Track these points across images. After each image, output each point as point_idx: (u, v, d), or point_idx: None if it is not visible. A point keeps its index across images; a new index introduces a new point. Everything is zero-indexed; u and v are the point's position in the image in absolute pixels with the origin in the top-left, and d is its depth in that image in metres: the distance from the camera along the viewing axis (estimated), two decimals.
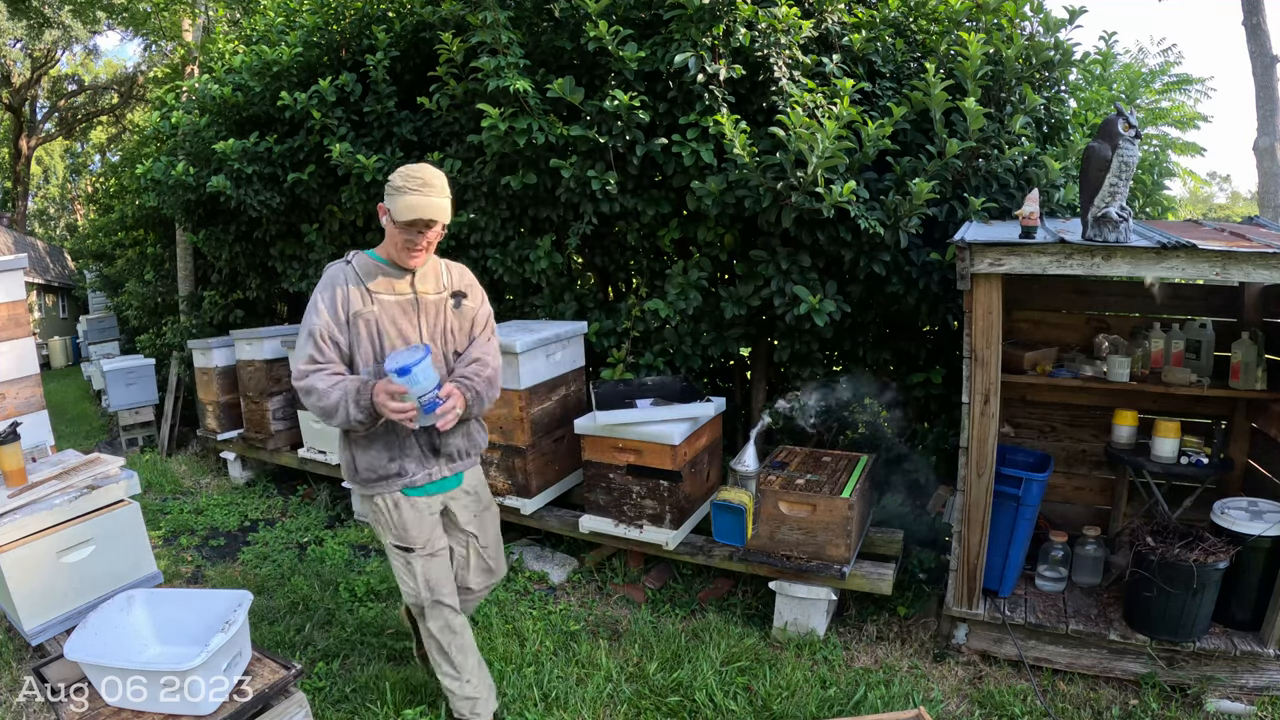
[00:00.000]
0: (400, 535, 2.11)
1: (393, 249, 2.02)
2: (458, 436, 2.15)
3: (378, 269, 2.05)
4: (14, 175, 23.18)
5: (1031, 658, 2.53)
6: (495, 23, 3.25)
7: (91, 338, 10.21)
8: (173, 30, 10.38)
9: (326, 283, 2.03)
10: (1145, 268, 2.21)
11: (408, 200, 1.90)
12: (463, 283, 2.20)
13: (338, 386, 1.91)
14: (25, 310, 3.06)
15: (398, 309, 2.04)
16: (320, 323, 1.97)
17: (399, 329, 2.04)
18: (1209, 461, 2.69)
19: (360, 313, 1.99)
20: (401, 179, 1.93)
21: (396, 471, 2.06)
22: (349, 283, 2.01)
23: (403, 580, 2.16)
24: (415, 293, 2.07)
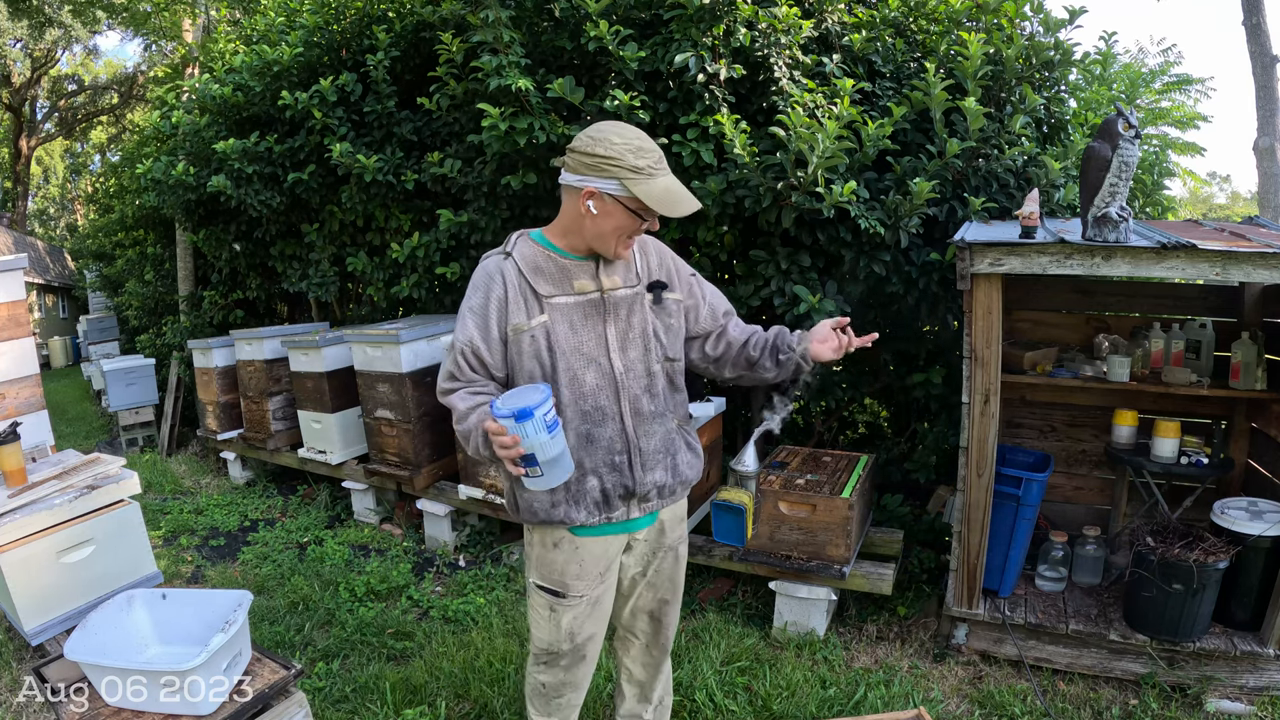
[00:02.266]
0: (547, 575, 1.67)
1: (602, 240, 1.54)
2: (658, 470, 1.63)
3: (550, 261, 1.59)
4: (14, 175, 23.19)
5: (1031, 658, 2.53)
6: (496, 21, 3.25)
7: (91, 338, 10.21)
8: (173, 30, 10.39)
9: (479, 282, 1.59)
10: (1145, 268, 2.21)
11: (664, 184, 1.49)
12: (662, 266, 1.69)
13: (476, 412, 1.51)
14: (25, 310, 3.06)
15: (577, 314, 1.58)
16: (463, 337, 1.58)
17: (579, 341, 1.57)
18: (1209, 461, 2.68)
19: (523, 328, 1.55)
20: (638, 156, 1.47)
21: (561, 518, 1.60)
22: (508, 285, 1.56)
23: (537, 623, 1.73)
24: (601, 290, 1.60)
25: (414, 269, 4.31)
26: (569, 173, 1.53)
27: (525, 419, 1.37)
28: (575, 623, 1.70)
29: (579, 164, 1.50)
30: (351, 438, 4.33)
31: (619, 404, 1.59)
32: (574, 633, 1.71)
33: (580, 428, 1.57)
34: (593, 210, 1.50)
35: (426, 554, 3.72)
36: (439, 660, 2.65)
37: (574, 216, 1.55)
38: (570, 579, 1.66)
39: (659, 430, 1.64)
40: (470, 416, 1.52)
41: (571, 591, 1.67)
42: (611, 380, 1.58)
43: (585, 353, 1.57)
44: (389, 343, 3.69)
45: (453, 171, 3.85)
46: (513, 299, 1.56)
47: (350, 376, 4.13)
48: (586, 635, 1.73)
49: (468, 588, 3.29)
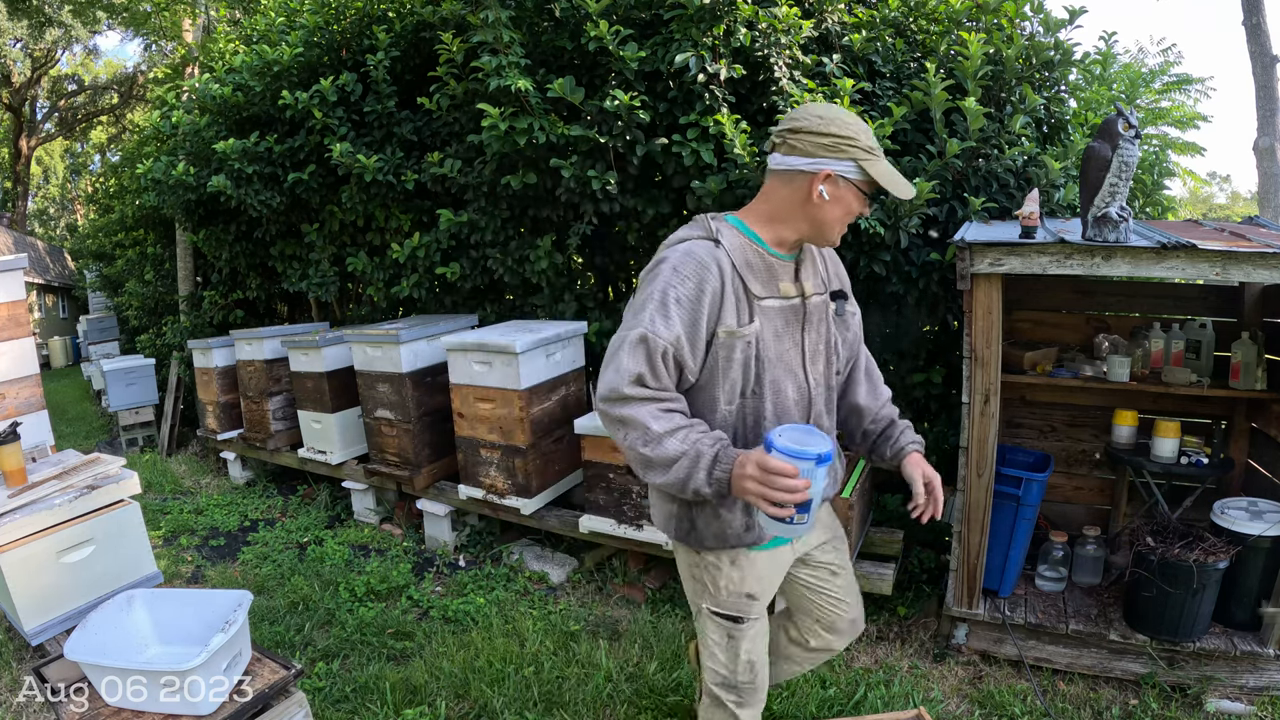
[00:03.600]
0: (725, 601, 1.56)
1: (818, 224, 1.40)
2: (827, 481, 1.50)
3: (759, 257, 1.41)
4: (14, 175, 23.19)
5: (1031, 658, 2.53)
6: (496, 22, 3.25)
7: (91, 338, 10.21)
8: (173, 30, 10.40)
9: (687, 269, 1.36)
10: (1145, 268, 2.21)
11: (888, 165, 1.40)
12: (838, 274, 1.59)
13: (681, 438, 1.32)
14: (25, 310, 3.06)
15: (780, 320, 1.43)
16: (667, 333, 1.33)
17: (781, 350, 1.43)
18: (1209, 461, 2.68)
19: (737, 334, 1.37)
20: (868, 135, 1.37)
21: (754, 540, 1.50)
22: (725, 279, 1.37)
23: (714, 655, 1.62)
24: (803, 295, 1.46)
25: (414, 269, 4.31)
26: (794, 155, 1.38)
27: (825, 463, 1.25)
28: (753, 649, 1.62)
29: (812, 145, 1.36)
30: (351, 438, 4.33)
31: (808, 419, 1.49)
32: (753, 661, 1.63)
33: None
34: (824, 195, 1.37)
35: (426, 554, 3.72)
36: (439, 660, 2.66)
37: (794, 203, 1.40)
38: (747, 598, 1.57)
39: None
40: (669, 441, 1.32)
41: (750, 614, 1.58)
42: (805, 394, 1.48)
43: (786, 363, 1.44)
44: (389, 343, 3.69)
45: (453, 171, 3.86)
46: (728, 295, 1.37)
47: (350, 376, 4.13)
48: (761, 660, 1.65)
49: (468, 588, 3.29)
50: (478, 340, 3.31)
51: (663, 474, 1.34)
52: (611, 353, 1.38)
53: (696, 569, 1.58)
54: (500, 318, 4.23)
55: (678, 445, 1.32)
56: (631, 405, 1.34)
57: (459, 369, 3.42)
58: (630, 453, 1.36)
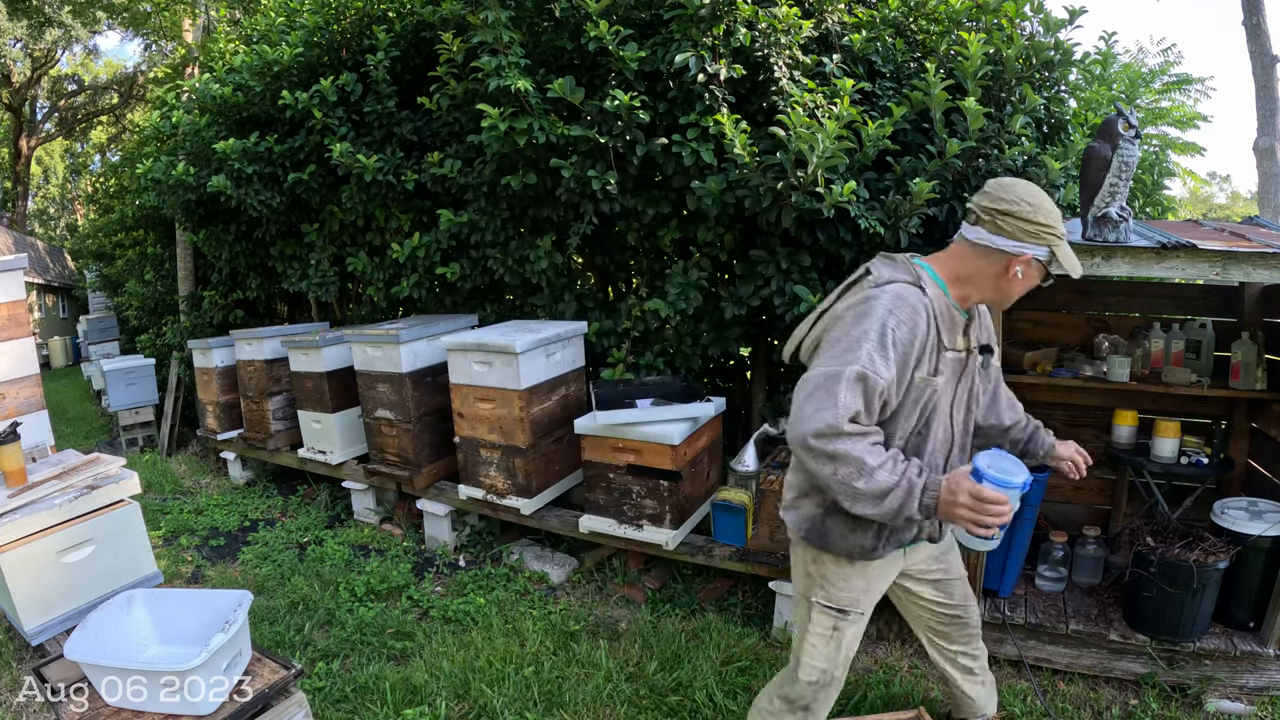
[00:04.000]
0: (837, 595, 1.68)
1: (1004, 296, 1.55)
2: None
3: (947, 308, 1.54)
4: (14, 175, 23.20)
5: (1031, 658, 2.53)
6: (496, 22, 3.25)
7: (91, 338, 10.21)
8: (173, 30, 10.40)
9: (905, 314, 1.46)
10: (1145, 268, 2.21)
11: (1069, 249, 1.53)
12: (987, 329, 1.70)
13: (889, 470, 1.40)
14: (25, 310, 3.06)
15: (949, 370, 1.56)
16: (886, 373, 1.42)
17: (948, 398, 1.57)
18: (1209, 461, 2.69)
19: (927, 382, 1.50)
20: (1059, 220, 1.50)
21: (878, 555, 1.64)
22: (929, 330, 1.49)
23: (815, 649, 1.72)
24: (968, 349, 1.60)
25: (414, 269, 4.31)
26: (999, 236, 1.49)
27: (1025, 489, 1.41)
28: (852, 641, 1.74)
29: (1019, 231, 1.48)
30: (351, 438, 4.33)
31: (948, 463, 1.63)
32: (846, 658, 1.75)
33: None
34: (1019, 274, 1.51)
35: (426, 554, 3.72)
36: (439, 660, 2.66)
37: (987, 275, 1.53)
38: (859, 594, 1.70)
39: None
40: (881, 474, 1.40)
41: (857, 608, 1.70)
42: (950, 438, 1.62)
43: (945, 409, 1.58)
44: (389, 343, 3.69)
45: (453, 171, 3.85)
46: (930, 344, 1.49)
47: (350, 376, 4.13)
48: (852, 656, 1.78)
49: (468, 588, 3.30)
50: (478, 340, 3.32)
51: (875, 505, 1.42)
52: (819, 386, 1.43)
53: (814, 565, 1.70)
54: (500, 318, 4.23)
55: (888, 478, 1.40)
56: (847, 441, 1.40)
57: (459, 369, 3.42)
58: (840, 486, 1.42)
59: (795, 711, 1.78)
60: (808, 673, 1.74)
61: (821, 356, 1.49)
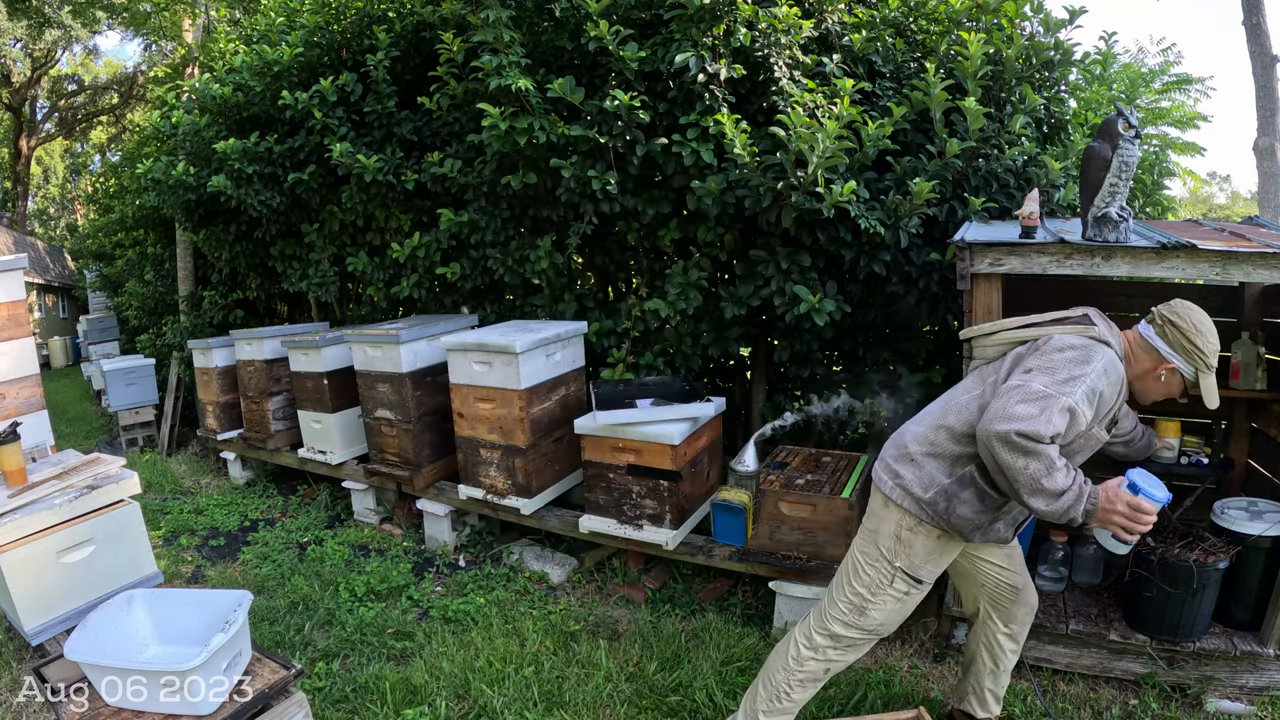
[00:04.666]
0: (919, 566, 1.90)
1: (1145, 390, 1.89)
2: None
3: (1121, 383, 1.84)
4: (14, 175, 23.20)
5: (1031, 658, 2.52)
6: (497, 21, 3.25)
7: (91, 338, 10.21)
8: (173, 30, 10.40)
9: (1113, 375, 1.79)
10: (1145, 268, 2.21)
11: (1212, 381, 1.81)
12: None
13: (1065, 473, 1.67)
14: (25, 310, 3.06)
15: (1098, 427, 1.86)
16: (1085, 416, 1.71)
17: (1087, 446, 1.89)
18: (1209, 461, 2.68)
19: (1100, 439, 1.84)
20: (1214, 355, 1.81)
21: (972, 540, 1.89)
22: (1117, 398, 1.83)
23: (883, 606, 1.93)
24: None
25: (414, 269, 4.31)
26: (1162, 341, 1.83)
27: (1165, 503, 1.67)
28: (914, 604, 1.95)
29: (1176, 342, 1.81)
30: (351, 438, 4.33)
31: None
32: (907, 613, 1.97)
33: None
34: (1162, 378, 1.85)
35: (426, 554, 3.72)
36: (439, 660, 2.66)
37: (1143, 368, 1.87)
38: (934, 567, 1.92)
39: None
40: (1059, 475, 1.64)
41: (929, 579, 1.93)
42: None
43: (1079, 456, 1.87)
44: (389, 343, 3.69)
45: (453, 171, 3.86)
46: (1113, 409, 1.83)
47: (350, 376, 4.13)
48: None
49: (468, 588, 3.30)
50: (478, 340, 3.32)
51: (1050, 501, 1.66)
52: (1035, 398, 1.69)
53: (909, 533, 1.88)
54: (500, 318, 4.23)
55: (1065, 479, 1.66)
56: (1042, 445, 1.66)
57: (459, 369, 3.42)
58: (1028, 479, 1.66)
59: (840, 648, 1.97)
60: (870, 622, 1.94)
61: (1035, 372, 1.75)
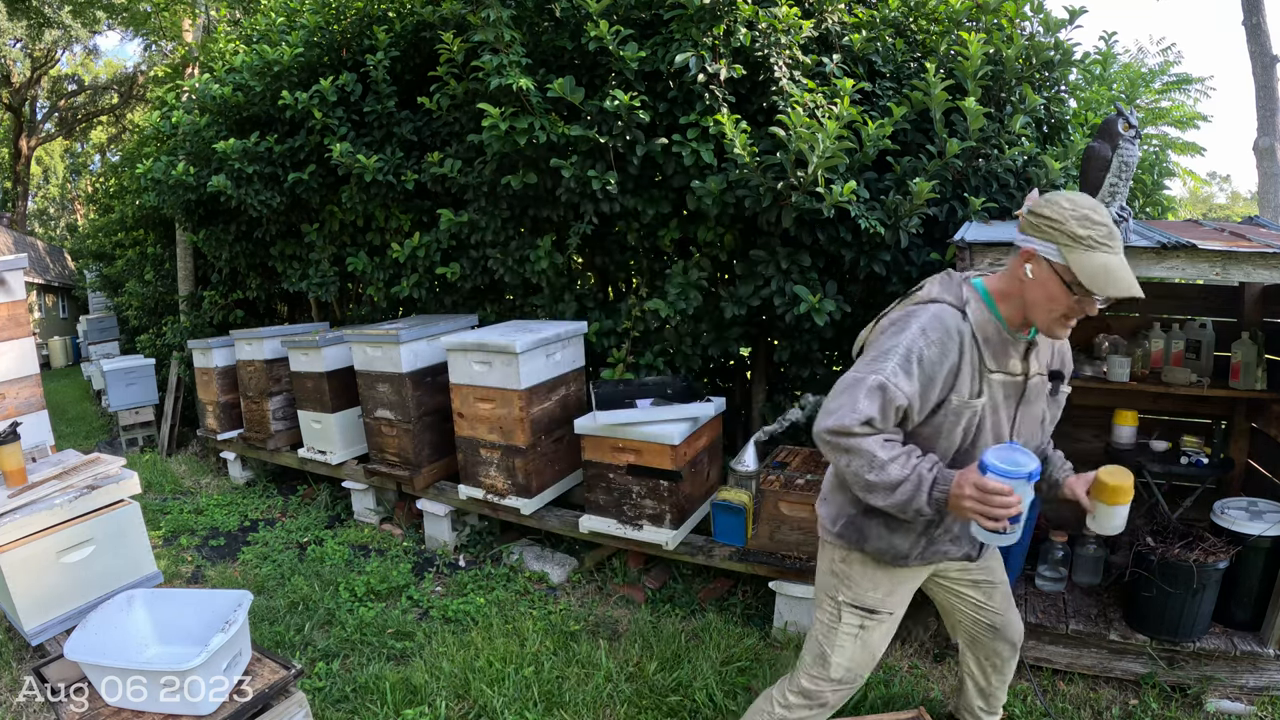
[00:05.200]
0: (863, 595, 1.69)
1: (1040, 313, 1.46)
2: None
3: (996, 331, 1.51)
4: (14, 175, 23.19)
5: (1031, 658, 2.52)
6: (498, 21, 3.25)
7: (91, 338, 10.21)
8: (173, 30, 10.40)
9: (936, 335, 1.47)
10: (1145, 268, 2.21)
11: (1104, 262, 1.36)
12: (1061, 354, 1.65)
13: (902, 464, 1.45)
14: (25, 310, 3.06)
15: (1001, 394, 1.54)
16: (907, 388, 1.45)
17: (996, 421, 1.55)
18: (1209, 461, 2.69)
19: (966, 405, 1.50)
20: (1082, 224, 1.38)
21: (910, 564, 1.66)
22: (964, 353, 1.48)
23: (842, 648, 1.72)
24: (1026, 375, 1.55)
25: (414, 269, 4.31)
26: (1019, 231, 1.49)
27: (1034, 479, 1.40)
28: (880, 641, 1.73)
29: (1026, 223, 1.46)
30: (351, 438, 4.33)
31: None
32: (876, 654, 1.74)
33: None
34: (1029, 274, 1.46)
35: (426, 554, 3.72)
36: (439, 660, 2.66)
37: (1013, 279, 1.50)
38: (885, 595, 1.70)
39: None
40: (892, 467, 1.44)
41: (884, 608, 1.70)
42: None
43: (996, 433, 1.56)
44: (389, 343, 3.69)
45: (453, 171, 3.86)
46: (965, 369, 1.49)
47: (350, 376, 4.13)
48: (881, 655, 1.76)
49: (468, 588, 3.30)
50: (478, 340, 3.32)
51: (887, 496, 1.47)
52: (845, 388, 1.49)
53: (843, 565, 1.71)
54: (500, 318, 4.23)
55: (900, 470, 1.45)
56: (857, 438, 1.47)
57: (459, 369, 3.42)
58: (854, 477, 1.49)
59: (813, 707, 1.77)
60: (835, 670, 1.74)
61: (858, 361, 1.55)
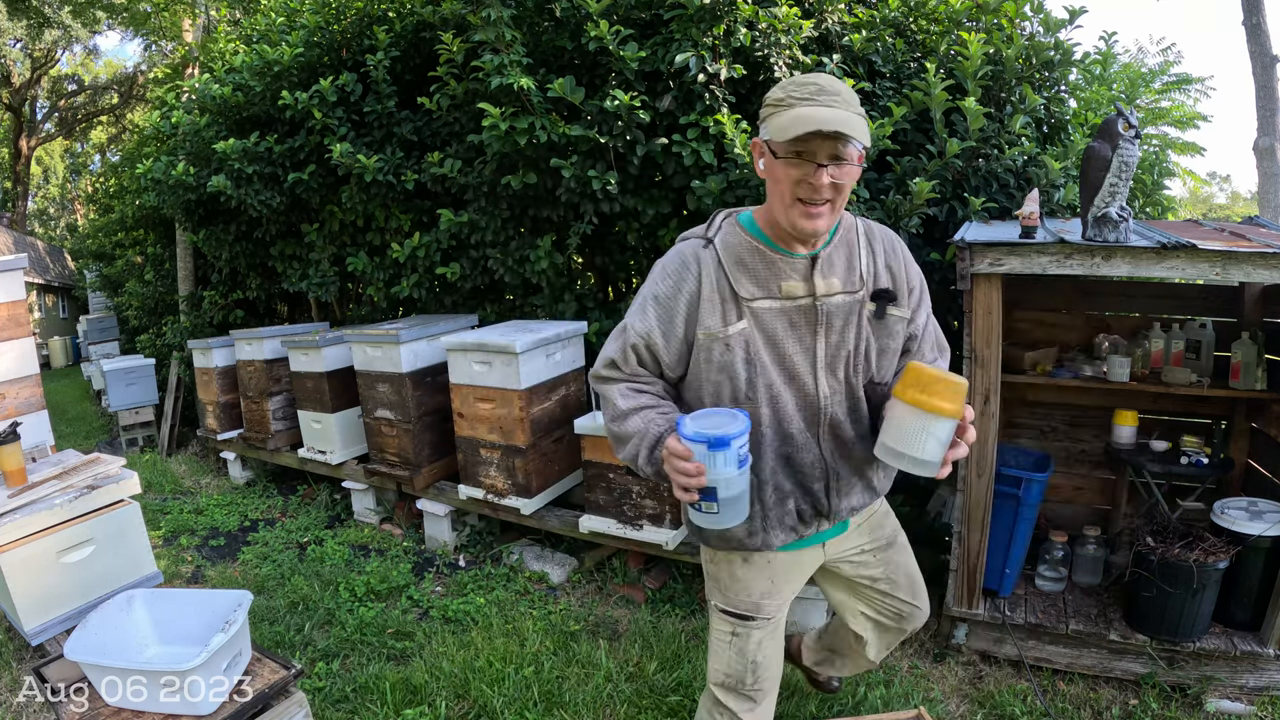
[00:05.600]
0: (734, 599, 1.52)
1: (779, 206, 1.28)
2: (855, 495, 1.48)
3: (756, 254, 1.33)
4: (14, 175, 23.19)
5: (1031, 658, 2.52)
6: (498, 20, 3.25)
7: (91, 338, 10.21)
8: (173, 30, 10.40)
9: (671, 268, 1.36)
10: (1145, 268, 2.21)
11: (796, 112, 1.19)
12: (890, 266, 1.42)
13: (642, 417, 1.34)
14: (25, 310, 3.06)
15: (783, 322, 1.34)
16: (641, 326, 1.36)
17: (783, 355, 1.35)
18: (1209, 461, 2.69)
19: (716, 335, 1.33)
20: (782, 89, 1.24)
21: (759, 545, 1.45)
22: (704, 280, 1.33)
23: (718, 654, 1.57)
24: (814, 295, 1.34)
25: (414, 269, 4.31)
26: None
27: (720, 448, 1.18)
28: (760, 650, 1.54)
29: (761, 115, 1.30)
30: (351, 438, 4.33)
31: (819, 428, 1.40)
32: (758, 661, 1.55)
33: (780, 450, 1.40)
34: (761, 168, 1.30)
35: (426, 554, 3.72)
36: (439, 660, 2.66)
37: (770, 186, 1.31)
38: (760, 598, 1.52)
39: (861, 453, 1.43)
40: (632, 418, 1.34)
41: (760, 613, 1.52)
42: (814, 403, 1.38)
43: (788, 369, 1.36)
44: (389, 343, 3.69)
45: (453, 171, 3.86)
46: (707, 297, 1.33)
47: (350, 376, 4.13)
48: (766, 668, 1.57)
49: (468, 588, 3.30)
50: (478, 340, 3.32)
51: (621, 449, 1.37)
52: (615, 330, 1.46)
53: (712, 565, 1.56)
54: (500, 318, 4.23)
55: (637, 423, 1.34)
56: (605, 384, 1.41)
57: (459, 369, 3.42)
58: (609, 429, 1.41)
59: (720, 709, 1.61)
60: (714, 676, 1.59)
61: None
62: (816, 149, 1.20)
